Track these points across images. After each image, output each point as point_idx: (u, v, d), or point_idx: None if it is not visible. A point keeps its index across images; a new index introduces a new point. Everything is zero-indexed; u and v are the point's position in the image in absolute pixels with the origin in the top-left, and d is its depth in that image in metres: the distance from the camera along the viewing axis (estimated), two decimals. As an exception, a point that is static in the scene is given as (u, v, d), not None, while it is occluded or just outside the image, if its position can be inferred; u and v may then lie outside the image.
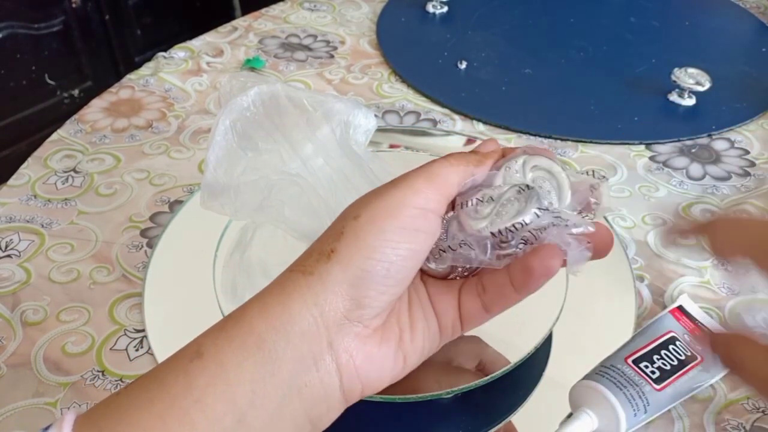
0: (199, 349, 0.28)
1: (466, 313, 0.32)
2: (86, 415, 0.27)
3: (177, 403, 0.26)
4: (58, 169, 0.65)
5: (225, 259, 0.47)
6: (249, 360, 0.27)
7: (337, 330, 0.28)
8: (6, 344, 0.49)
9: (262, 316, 0.28)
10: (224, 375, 0.27)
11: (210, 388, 0.27)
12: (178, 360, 0.28)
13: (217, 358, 0.27)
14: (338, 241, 0.28)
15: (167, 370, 0.28)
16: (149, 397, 0.27)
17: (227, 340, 0.28)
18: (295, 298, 0.28)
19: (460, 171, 0.31)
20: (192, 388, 0.27)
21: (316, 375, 0.28)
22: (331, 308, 0.28)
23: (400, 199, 0.29)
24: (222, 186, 0.40)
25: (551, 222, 0.30)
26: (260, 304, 0.29)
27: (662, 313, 0.49)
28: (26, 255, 0.56)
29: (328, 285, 0.28)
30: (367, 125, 0.43)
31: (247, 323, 0.28)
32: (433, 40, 0.86)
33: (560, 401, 0.44)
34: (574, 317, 0.46)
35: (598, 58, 0.83)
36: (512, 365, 0.41)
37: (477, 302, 0.32)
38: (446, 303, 0.32)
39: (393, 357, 0.30)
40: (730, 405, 0.46)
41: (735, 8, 0.96)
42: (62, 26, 1.53)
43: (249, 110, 0.41)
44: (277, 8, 0.93)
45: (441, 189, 0.30)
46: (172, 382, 0.27)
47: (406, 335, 0.31)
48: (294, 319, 0.28)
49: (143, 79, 0.78)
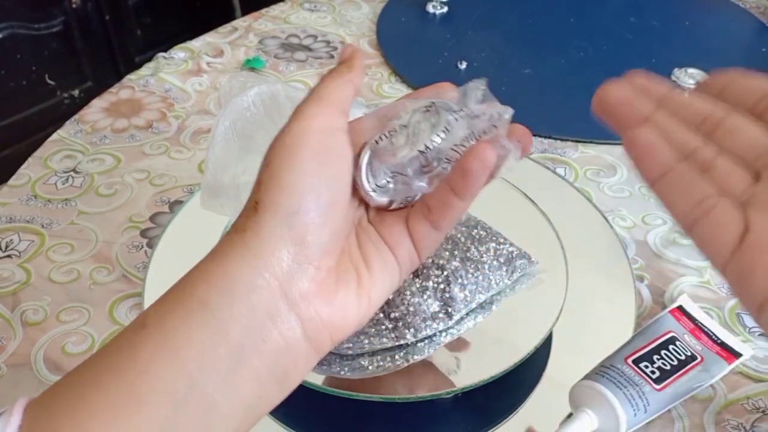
0: (144, 321, 0.27)
1: (418, 238, 0.32)
2: (37, 400, 0.27)
3: (122, 377, 0.26)
4: (58, 169, 0.65)
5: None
6: (193, 324, 0.27)
7: (288, 278, 0.28)
8: (6, 344, 0.49)
9: (202, 279, 0.28)
10: (169, 343, 0.26)
11: (155, 358, 0.26)
12: (123, 335, 0.27)
13: (160, 326, 0.27)
14: (259, 191, 0.28)
15: (113, 347, 0.27)
16: (96, 374, 0.26)
17: (169, 307, 0.27)
18: (233, 257, 0.27)
19: (341, 83, 0.31)
20: (136, 360, 0.26)
21: (273, 328, 0.27)
22: (275, 258, 0.27)
23: (299, 129, 0.29)
24: (222, 186, 0.40)
25: (469, 130, 0.30)
26: (200, 270, 0.28)
27: (662, 313, 0.49)
28: (26, 255, 0.56)
29: (264, 235, 0.27)
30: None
31: (188, 289, 0.28)
32: (433, 40, 0.86)
33: (560, 401, 0.44)
34: (574, 317, 0.46)
35: (598, 58, 0.83)
36: (512, 365, 0.41)
37: (425, 224, 0.31)
38: (397, 234, 0.32)
39: (355, 298, 0.30)
40: (730, 405, 0.46)
41: (735, 8, 0.96)
42: (62, 26, 1.53)
43: (249, 110, 0.41)
44: (277, 8, 0.93)
45: (333, 105, 0.30)
46: (116, 356, 0.27)
47: (363, 273, 0.31)
48: (235, 276, 0.27)
49: (143, 80, 0.78)
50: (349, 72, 0.32)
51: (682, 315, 0.48)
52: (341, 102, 0.31)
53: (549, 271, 0.46)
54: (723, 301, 0.53)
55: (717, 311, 0.52)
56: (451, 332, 0.42)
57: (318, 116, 0.29)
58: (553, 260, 0.46)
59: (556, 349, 0.48)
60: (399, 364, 0.40)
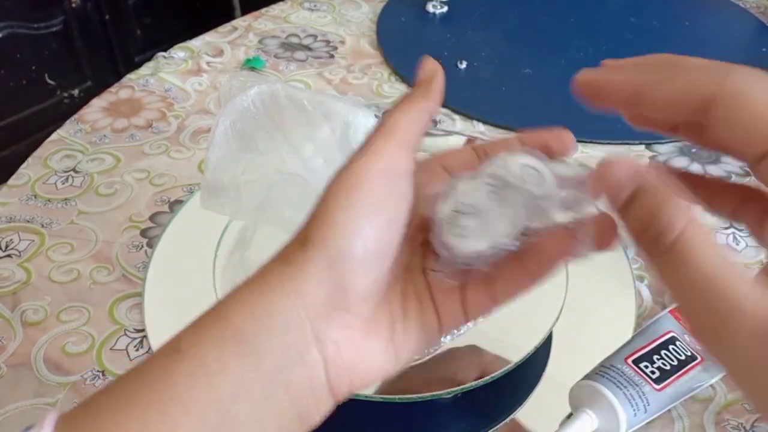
0: (178, 345, 0.27)
1: (471, 306, 0.30)
2: (68, 416, 0.27)
3: (156, 400, 0.26)
4: (58, 169, 0.65)
5: (225, 259, 0.47)
6: (228, 352, 0.26)
7: (322, 320, 0.27)
8: (6, 344, 0.49)
9: (241, 308, 0.27)
10: (204, 369, 0.26)
11: (190, 384, 0.26)
12: (157, 357, 0.27)
13: (195, 352, 0.26)
14: (310, 227, 0.27)
15: (146, 368, 0.27)
16: (128, 396, 0.26)
17: (206, 333, 0.27)
18: (275, 288, 0.27)
19: (414, 115, 0.29)
20: (170, 384, 0.26)
21: (302, 368, 0.27)
22: (312, 297, 0.27)
23: (362, 166, 0.27)
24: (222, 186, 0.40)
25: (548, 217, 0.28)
26: (239, 297, 0.28)
27: (662, 313, 0.49)
28: (26, 255, 0.56)
29: (306, 272, 0.27)
30: (367, 125, 0.43)
31: (224, 316, 0.27)
32: (433, 40, 0.86)
33: (560, 401, 0.44)
34: (574, 317, 0.47)
35: (598, 58, 0.82)
36: (512, 365, 0.41)
37: (483, 293, 0.30)
38: (447, 295, 0.30)
39: (383, 350, 0.29)
40: (730, 405, 0.46)
41: (735, 8, 0.96)
42: (62, 26, 1.52)
43: (249, 110, 0.41)
44: (277, 8, 0.93)
45: (402, 143, 0.28)
46: (150, 379, 0.26)
47: (398, 326, 0.29)
48: (274, 309, 0.27)
49: (143, 79, 0.78)
50: (426, 99, 0.30)
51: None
52: (411, 139, 0.29)
53: (549, 271, 0.46)
54: (723, 301, 0.53)
55: (717, 311, 0.52)
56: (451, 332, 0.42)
57: (383, 155, 0.28)
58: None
59: (556, 349, 0.48)
60: (399, 364, 0.40)
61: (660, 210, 0.23)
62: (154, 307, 0.51)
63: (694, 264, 0.22)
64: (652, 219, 0.23)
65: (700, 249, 0.22)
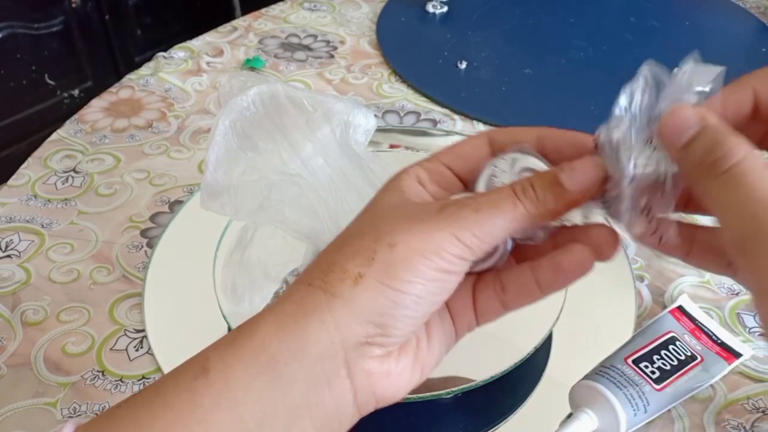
0: (206, 365, 0.27)
1: (482, 312, 0.31)
2: (86, 427, 0.27)
3: (181, 421, 0.25)
4: (58, 169, 0.65)
5: (225, 259, 0.47)
6: (259, 380, 0.26)
7: (355, 351, 0.27)
8: (6, 344, 0.49)
9: (277, 335, 0.27)
10: (231, 394, 0.26)
11: (216, 408, 0.26)
12: (182, 375, 0.27)
13: (224, 376, 0.26)
14: (368, 267, 0.26)
15: (171, 386, 0.27)
16: (151, 412, 0.26)
17: (236, 357, 0.26)
18: (314, 320, 0.26)
19: (516, 224, 0.27)
20: (197, 406, 0.26)
21: (329, 393, 0.27)
22: (353, 334, 0.26)
23: (440, 243, 0.26)
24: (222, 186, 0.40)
25: None
26: (275, 321, 0.27)
27: (662, 313, 0.49)
28: (26, 255, 0.56)
29: (353, 310, 0.26)
30: (367, 125, 0.43)
31: (259, 340, 0.27)
32: (433, 40, 0.86)
33: (560, 401, 0.43)
34: (574, 317, 0.47)
35: (598, 58, 0.83)
36: (512, 365, 0.41)
37: (495, 300, 0.30)
38: (461, 304, 0.31)
39: (410, 369, 0.29)
40: (730, 405, 0.46)
41: (735, 8, 0.96)
42: (62, 26, 1.52)
43: (249, 110, 0.41)
44: (277, 8, 0.93)
45: (484, 240, 0.27)
46: (175, 398, 0.26)
47: (423, 345, 0.30)
48: (311, 341, 0.26)
49: (143, 79, 0.78)
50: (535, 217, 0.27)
51: (682, 315, 0.48)
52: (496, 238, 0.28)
53: (549, 271, 0.46)
54: (723, 301, 0.53)
55: (717, 311, 0.52)
56: (451, 332, 0.42)
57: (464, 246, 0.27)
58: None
59: (556, 349, 0.48)
60: (399, 364, 0.40)
61: (724, 139, 0.24)
62: (154, 307, 0.51)
63: (752, 185, 0.23)
64: (714, 147, 0.24)
65: (760, 172, 0.23)
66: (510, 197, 0.27)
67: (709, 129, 0.25)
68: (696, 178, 0.25)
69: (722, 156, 0.24)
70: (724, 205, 0.24)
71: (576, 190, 0.27)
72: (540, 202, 0.27)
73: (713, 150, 0.24)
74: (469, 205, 0.27)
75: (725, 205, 0.24)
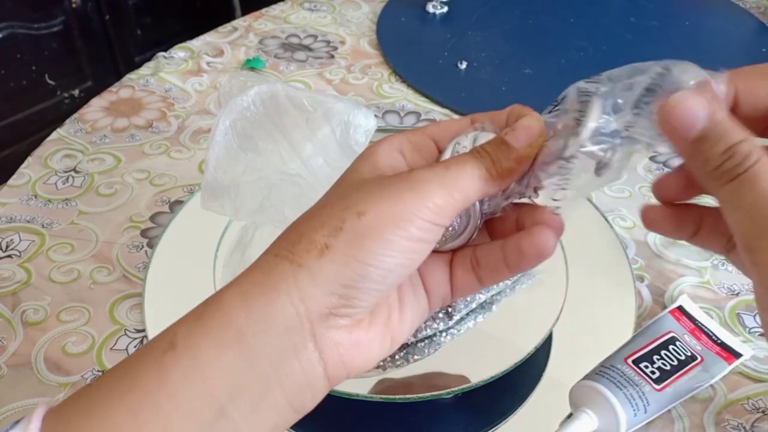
0: (173, 340, 0.26)
1: (458, 285, 0.31)
2: (56, 409, 0.26)
3: (149, 397, 0.25)
4: (58, 169, 0.65)
5: (225, 259, 0.47)
6: (227, 354, 0.26)
7: (320, 322, 0.27)
8: (6, 344, 0.49)
9: (243, 307, 0.26)
10: (200, 368, 0.26)
11: (185, 382, 0.25)
12: (150, 351, 0.27)
13: (191, 351, 0.26)
14: (335, 237, 0.26)
15: (139, 362, 0.26)
16: (120, 390, 0.26)
17: (202, 331, 0.26)
18: (280, 291, 0.26)
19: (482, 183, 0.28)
20: (165, 381, 0.25)
21: (298, 365, 0.27)
22: (318, 304, 0.26)
23: (411, 209, 0.26)
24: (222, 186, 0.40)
25: None
26: (241, 293, 0.27)
27: (662, 314, 0.49)
28: (27, 255, 0.56)
29: (318, 282, 0.26)
30: (367, 125, 0.43)
31: (225, 314, 0.26)
32: (433, 40, 0.86)
33: (560, 401, 0.44)
34: (574, 317, 0.47)
35: (598, 58, 0.83)
36: (512, 365, 0.41)
37: (471, 275, 0.31)
38: (438, 277, 0.31)
39: (380, 339, 0.29)
40: (730, 405, 0.46)
41: (735, 8, 0.96)
42: (62, 26, 1.52)
43: (249, 110, 0.41)
44: (277, 8, 0.93)
45: (458, 203, 0.27)
46: (143, 374, 0.26)
47: (395, 315, 0.30)
48: (277, 312, 0.26)
49: (143, 79, 0.78)
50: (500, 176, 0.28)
51: (682, 315, 0.48)
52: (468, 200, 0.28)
53: (549, 271, 0.46)
54: (723, 301, 0.53)
55: (717, 311, 0.52)
56: (452, 332, 0.42)
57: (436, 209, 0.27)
58: (553, 260, 0.46)
59: (556, 349, 0.48)
60: (399, 364, 0.40)
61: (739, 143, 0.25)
62: (154, 307, 0.51)
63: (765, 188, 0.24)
64: (729, 152, 0.25)
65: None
66: (473, 157, 0.28)
67: (720, 126, 0.25)
68: (708, 179, 0.26)
69: (739, 163, 0.25)
70: (736, 207, 0.25)
71: (521, 146, 0.28)
72: (495, 162, 0.28)
73: (730, 156, 0.25)
74: (438, 165, 0.28)
75: (737, 207, 0.25)
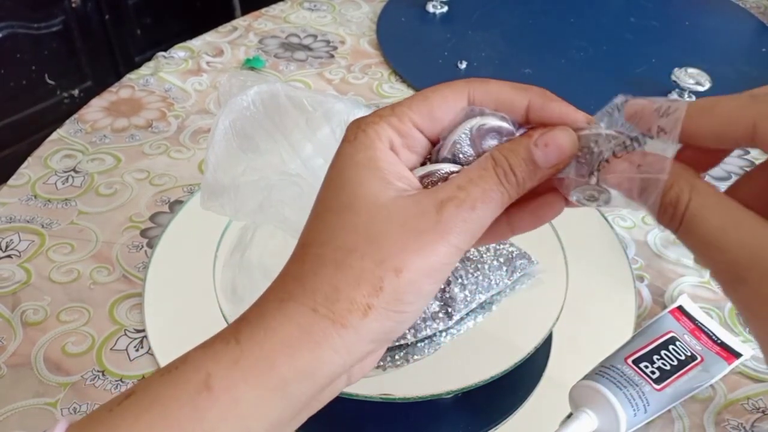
0: (208, 381, 0.26)
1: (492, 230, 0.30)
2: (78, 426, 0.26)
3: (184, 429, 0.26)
4: (58, 169, 0.65)
5: (225, 259, 0.47)
6: (269, 399, 0.27)
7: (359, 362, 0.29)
8: (6, 344, 0.49)
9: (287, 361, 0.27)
10: (238, 410, 0.26)
11: (223, 422, 0.26)
12: (182, 388, 0.26)
13: (230, 394, 0.26)
14: (376, 297, 0.27)
15: (170, 396, 0.26)
16: (149, 421, 0.26)
17: (242, 377, 0.26)
18: (325, 348, 0.27)
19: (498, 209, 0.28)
20: (201, 420, 0.26)
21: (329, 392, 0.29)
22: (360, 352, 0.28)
23: (444, 260, 0.27)
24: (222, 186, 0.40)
25: None
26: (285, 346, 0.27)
27: (662, 313, 0.49)
28: (26, 255, 0.56)
29: (362, 336, 0.27)
30: (367, 125, 0.42)
31: (268, 362, 0.27)
32: (433, 40, 0.86)
33: (560, 401, 0.44)
34: (574, 317, 0.46)
35: (598, 58, 0.83)
36: (512, 365, 0.41)
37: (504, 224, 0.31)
38: None
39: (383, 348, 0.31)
40: (730, 405, 0.46)
41: (735, 8, 0.96)
42: (62, 26, 1.52)
43: (249, 110, 0.41)
44: (277, 8, 0.93)
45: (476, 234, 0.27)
46: (176, 409, 0.26)
47: None
48: (324, 364, 0.27)
49: (143, 79, 0.78)
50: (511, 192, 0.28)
51: (682, 315, 0.48)
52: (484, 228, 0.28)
53: (549, 271, 0.46)
54: (723, 301, 0.53)
55: (717, 311, 0.52)
56: (451, 332, 0.42)
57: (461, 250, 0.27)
58: (553, 260, 0.46)
59: (556, 349, 0.48)
60: (399, 364, 0.40)
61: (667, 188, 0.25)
62: (154, 307, 0.51)
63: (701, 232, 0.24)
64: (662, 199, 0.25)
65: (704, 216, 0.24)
66: (497, 186, 0.27)
67: None
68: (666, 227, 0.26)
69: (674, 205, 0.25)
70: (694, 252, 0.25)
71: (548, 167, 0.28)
72: (520, 186, 0.28)
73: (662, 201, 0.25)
74: (465, 202, 0.27)
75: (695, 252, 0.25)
